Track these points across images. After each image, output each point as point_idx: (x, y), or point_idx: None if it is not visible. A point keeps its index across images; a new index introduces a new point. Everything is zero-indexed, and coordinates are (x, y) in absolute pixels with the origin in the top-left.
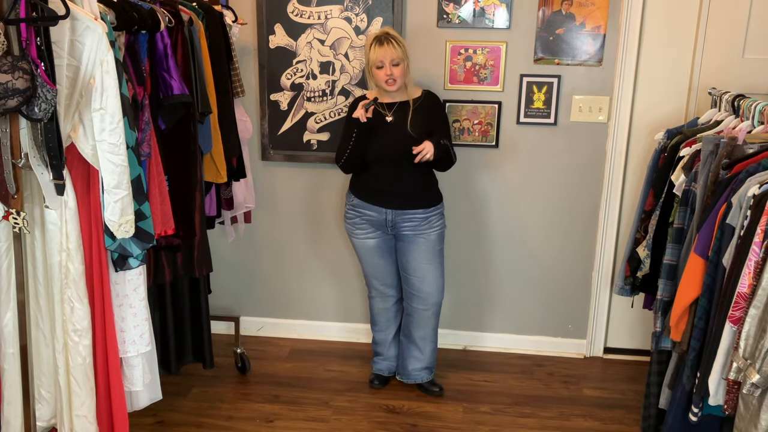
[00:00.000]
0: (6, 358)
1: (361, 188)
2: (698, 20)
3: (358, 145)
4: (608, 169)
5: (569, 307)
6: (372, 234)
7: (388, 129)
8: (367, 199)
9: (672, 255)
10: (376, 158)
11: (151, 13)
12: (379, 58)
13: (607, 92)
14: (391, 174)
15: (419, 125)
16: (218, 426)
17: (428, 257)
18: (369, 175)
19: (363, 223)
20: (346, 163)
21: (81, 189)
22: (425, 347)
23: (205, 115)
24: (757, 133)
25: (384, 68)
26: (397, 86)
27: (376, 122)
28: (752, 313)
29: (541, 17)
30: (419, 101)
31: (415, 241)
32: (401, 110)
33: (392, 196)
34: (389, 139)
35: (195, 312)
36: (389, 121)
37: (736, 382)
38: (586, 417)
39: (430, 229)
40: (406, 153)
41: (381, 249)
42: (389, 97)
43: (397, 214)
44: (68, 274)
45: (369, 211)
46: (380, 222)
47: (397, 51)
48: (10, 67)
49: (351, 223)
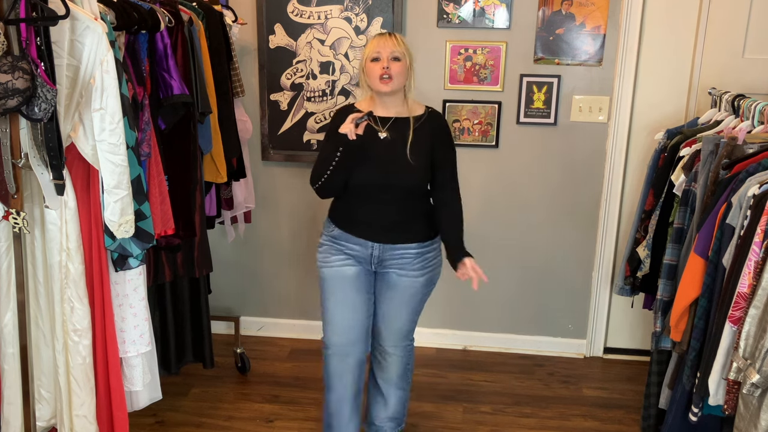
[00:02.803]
0: (6, 358)
1: (344, 217)
2: (698, 20)
3: (343, 166)
4: (608, 169)
5: (569, 307)
6: (352, 262)
7: (380, 148)
8: (351, 230)
9: (672, 255)
10: (363, 183)
11: (151, 13)
12: (377, 48)
13: (607, 92)
14: (380, 202)
15: (420, 150)
16: (218, 426)
17: (403, 302)
18: (354, 202)
19: (342, 254)
20: (324, 187)
21: (81, 189)
22: (389, 394)
23: (205, 115)
24: (757, 133)
25: (381, 61)
26: (393, 87)
27: (366, 139)
28: (752, 313)
29: (541, 17)
30: (422, 120)
31: (396, 285)
32: (398, 127)
33: (382, 228)
34: (382, 161)
35: (195, 312)
36: (383, 138)
37: (736, 382)
38: (586, 417)
39: (422, 269)
40: (401, 180)
41: (361, 281)
42: (383, 109)
43: (386, 249)
44: (68, 274)
45: (352, 244)
46: (364, 257)
47: (399, 45)
48: (10, 67)
49: (326, 252)
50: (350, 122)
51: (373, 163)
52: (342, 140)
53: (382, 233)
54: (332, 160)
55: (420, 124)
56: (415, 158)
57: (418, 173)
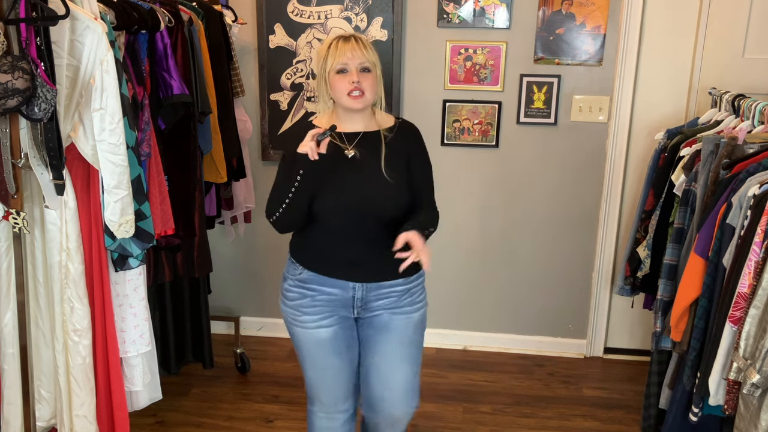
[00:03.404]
0: (6, 358)
1: (314, 255)
2: (698, 20)
3: (304, 193)
4: (608, 169)
5: (569, 307)
6: (328, 320)
7: (349, 168)
8: (326, 270)
9: (672, 255)
10: (332, 211)
11: (151, 12)
12: (342, 59)
13: (607, 92)
14: (356, 232)
15: (397, 166)
16: (218, 426)
17: (402, 351)
18: (324, 235)
19: (315, 306)
20: (283, 219)
21: (81, 189)
22: None
23: (204, 115)
24: (757, 133)
25: (348, 73)
26: (365, 103)
27: (331, 159)
28: (752, 313)
29: (541, 17)
30: (393, 131)
31: (390, 326)
32: (367, 143)
33: (363, 264)
34: (353, 183)
35: (195, 312)
36: (351, 156)
37: (736, 382)
38: (586, 417)
39: (412, 306)
40: (379, 202)
41: (339, 343)
42: (349, 125)
43: (370, 289)
44: (68, 274)
45: (327, 287)
46: (343, 302)
47: (367, 53)
48: (10, 67)
49: (295, 307)
50: (310, 140)
51: (342, 186)
52: (302, 162)
53: (365, 270)
54: (291, 186)
55: (393, 136)
56: (392, 175)
57: (398, 192)
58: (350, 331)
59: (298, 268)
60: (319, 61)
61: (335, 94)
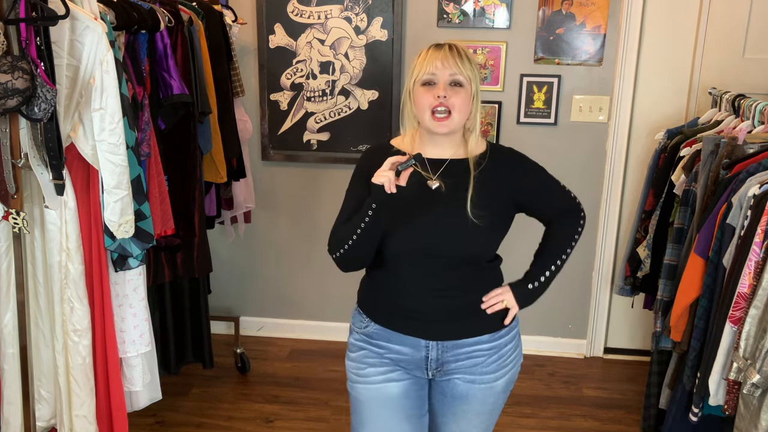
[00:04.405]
0: (6, 358)
1: (383, 305)
2: (698, 20)
3: (375, 229)
4: (608, 169)
5: (569, 307)
6: (397, 373)
7: (429, 202)
8: (395, 325)
9: (672, 255)
10: (407, 253)
11: (150, 12)
12: (430, 68)
13: (607, 92)
14: (434, 279)
15: (486, 202)
16: (218, 426)
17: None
18: (395, 282)
19: (383, 361)
20: (349, 256)
21: (81, 189)
22: None
23: (204, 114)
24: (758, 133)
25: (435, 87)
26: (452, 127)
27: (408, 187)
28: (752, 313)
29: (541, 17)
30: (485, 161)
31: (471, 397)
32: (454, 173)
33: (439, 317)
34: (433, 220)
35: (195, 312)
36: (434, 188)
37: (736, 382)
38: (586, 417)
39: (500, 369)
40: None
41: (412, 404)
42: (434, 149)
43: (447, 348)
44: (68, 274)
45: (397, 345)
46: (415, 363)
47: (462, 64)
48: (10, 67)
49: (357, 359)
50: (389, 169)
51: (420, 224)
52: (377, 194)
53: (441, 325)
54: (361, 221)
55: (484, 166)
56: (479, 214)
57: (483, 235)
58: (423, 392)
59: (364, 320)
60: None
61: (418, 111)
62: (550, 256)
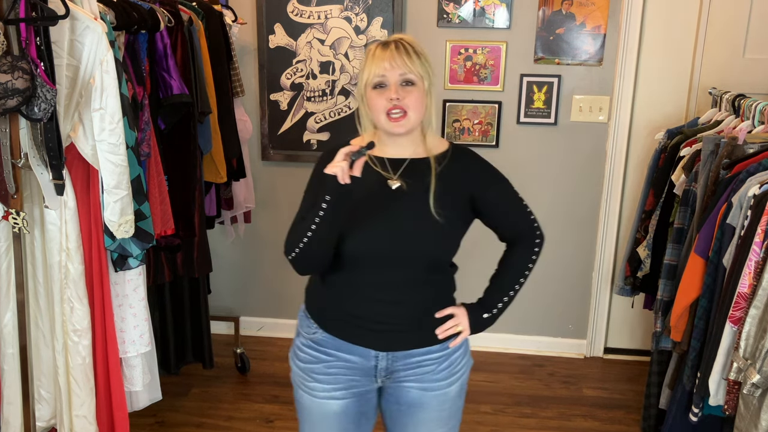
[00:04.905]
0: (6, 358)
1: (332, 311)
2: (698, 20)
3: (330, 225)
4: (608, 169)
5: (569, 307)
6: (341, 392)
7: (390, 202)
8: (344, 334)
9: (672, 255)
10: (366, 255)
11: (150, 12)
12: (379, 70)
13: (607, 92)
14: (390, 285)
15: (448, 201)
16: (218, 426)
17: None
18: (347, 287)
19: (329, 374)
20: (304, 256)
21: (81, 189)
22: None
23: (204, 114)
24: (758, 133)
25: (387, 89)
26: (408, 126)
27: (368, 188)
28: (752, 313)
29: (541, 17)
30: (446, 159)
31: (424, 405)
32: (415, 172)
33: (392, 327)
34: (395, 220)
35: (195, 312)
36: (395, 187)
37: (736, 382)
38: (586, 417)
39: (450, 377)
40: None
41: (348, 419)
42: (393, 149)
43: (397, 358)
44: (68, 274)
45: (345, 353)
46: (363, 371)
47: (411, 62)
48: (10, 67)
49: (306, 371)
50: (342, 159)
51: (382, 224)
52: (330, 185)
53: (393, 335)
54: (315, 215)
55: (445, 165)
56: (442, 213)
57: (446, 235)
58: (366, 406)
59: (312, 326)
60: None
61: (373, 114)
62: (507, 284)
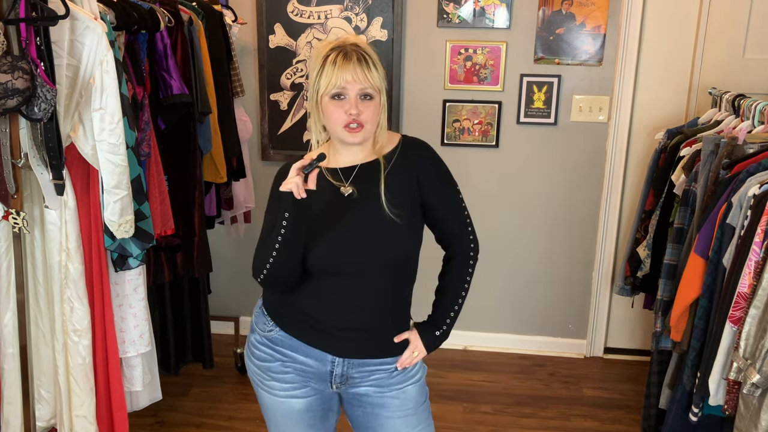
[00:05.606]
0: (6, 358)
1: (291, 312)
2: (698, 20)
3: (293, 241)
4: (608, 169)
5: (569, 307)
6: (300, 391)
7: (346, 209)
8: (301, 335)
9: (672, 255)
10: (327, 262)
11: (150, 12)
12: (340, 82)
13: (607, 92)
14: (348, 290)
15: (402, 199)
16: (218, 426)
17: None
18: (305, 293)
19: (286, 373)
20: (273, 276)
21: (81, 189)
22: None
23: (204, 114)
24: (758, 132)
25: (347, 102)
26: (365, 137)
27: (325, 199)
28: (752, 313)
29: (541, 17)
30: (395, 156)
31: (385, 402)
32: (366, 176)
33: (349, 333)
34: (350, 225)
35: (195, 312)
36: (347, 194)
37: (736, 382)
38: (586, 417)
39: (404, 382)
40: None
41: (313, 415)
42: (345, 157)
43: (353, 365)
44: (68, 274)
45: (300, 355)
46: (320, 375)
47: (371, 76)
48: (10, 67)
49: (263, 369)
50: (295, 174)
51: (341, 233)
52: (287, 202)
53: (352, 343)
54: (277, 234)
55: (394, 161)
56: (396, 211)
57: (405, 234)
58: (328, 402)
59: (269, 324)
60: (312, 74)
61: (329, 124)
62: (450, 301)
